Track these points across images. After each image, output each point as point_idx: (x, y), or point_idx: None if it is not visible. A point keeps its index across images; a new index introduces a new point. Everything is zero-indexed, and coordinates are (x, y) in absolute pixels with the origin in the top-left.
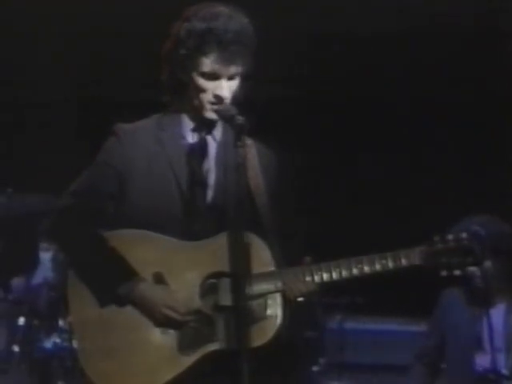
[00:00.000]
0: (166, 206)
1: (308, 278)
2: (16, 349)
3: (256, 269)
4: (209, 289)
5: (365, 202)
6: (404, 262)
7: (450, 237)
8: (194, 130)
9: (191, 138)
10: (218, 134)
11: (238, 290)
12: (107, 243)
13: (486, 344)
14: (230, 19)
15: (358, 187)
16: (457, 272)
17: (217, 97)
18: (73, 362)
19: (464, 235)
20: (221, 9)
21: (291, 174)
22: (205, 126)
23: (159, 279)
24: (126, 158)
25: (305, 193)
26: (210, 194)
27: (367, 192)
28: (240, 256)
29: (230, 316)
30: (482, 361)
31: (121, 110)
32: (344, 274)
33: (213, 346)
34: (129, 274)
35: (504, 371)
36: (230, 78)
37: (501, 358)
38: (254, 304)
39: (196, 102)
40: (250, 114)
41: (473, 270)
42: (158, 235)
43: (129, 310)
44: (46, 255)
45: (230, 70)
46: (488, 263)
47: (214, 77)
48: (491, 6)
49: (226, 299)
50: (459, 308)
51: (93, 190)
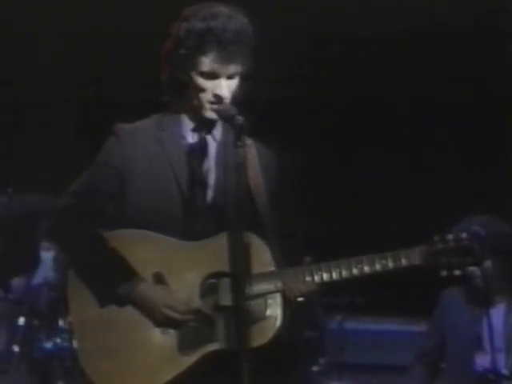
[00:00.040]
0: (166, 206)
1: (308, 278)
2: (16, 349)
3: (256, 269)
4: (209, 289)
5: (365, 202)
6: (404, 261)
7: (450, 237)
8: (193, 129)
9: (191, 137)
10: (217, 133)
11: (238, 290)
12: (107, 243)
13: (486, 344)
14: (230, 19)
15: (358, 187)
16: (457, 272)
17: (216, 96)
18: (73, 362)
19: (464, 235)
20: (220, 9)
21: (291, 174)
22: (205, 126)
23: (159, 279)
24: (126, 158)
25: (305, 193)
26: (210, 193)
27: (367, 192)
28: (240, 256)
29: (230, 316)
30: (482, 361)
31: (121, 110)
32: (344, 273)
33: (213, 346)
34: (129, 274)
35: (504, 371)
36: (230, 77)
37: (501, 358)
38: (253, 304)
39: (195, 102)
40: (250, 114)
41: (473, 269)
42: (158, 235)
43: (129, 309)
44: (47, 254)
45: (230, 69)
46: (488, 263)
47: (213, 76)
48: (491, 6)
49: (226, 299)
50: (459, 308)
51: (93, 190)
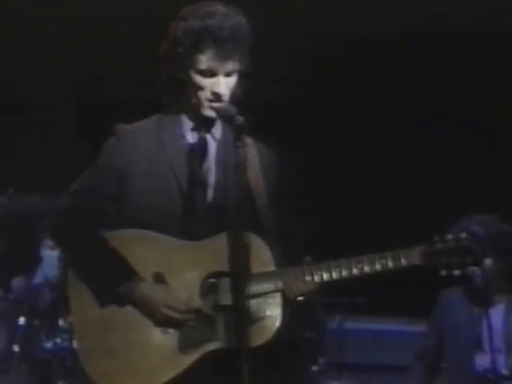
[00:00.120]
0: (167, 206)
1: (308, 278)
2: (16, 348)
3: (256, 268)
4: (209, 288)
5: (365, 202)
6: (404, 261)
7: (450, 237)
8: (193, 129)
9: (191, 137)
10: (217, 132)
11: (238, 290)
12: (107, 243)
13: (486, 344)
14: (226, 17)
15: (358, 187)
16: (456, 272)
17: (215, 94)
18: (73, 361)
19: (464, 235)
20: (217, 7)
21: (291, 174)
22: (204, 125)
23: (159, 279)
24: (127, 159)
25: (305, 193)
26: (210, 193)
27: (367, 192)
28: (240, 256)
29: (230, 315)
30: (482, 361)
31: (121, 110)
32: (344, 273)
33: (213, 346)
34: (129, 274)
35: (504, 371)
36: (227, 74)
37: (500, 359)
38: (254, 304)
39: (194, 100)
40: (250, 114)
41: (473, 269)
42: (158, 235)
43: (129, 309)
44: (52, 253)
45: (227, 66)
46: (488, 263)
47: (211, 74)
48: (491, 6)
49: (226, 299)
50: (458, 308)
51: (93, 190)
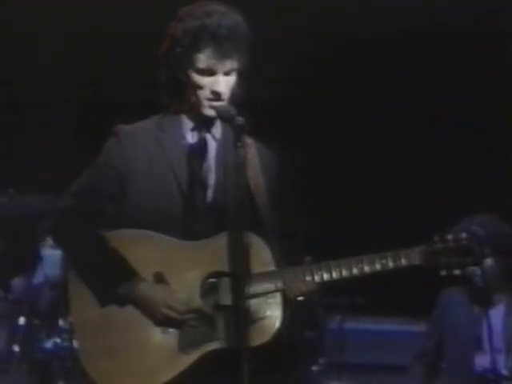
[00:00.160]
0: (167, 206)
1: (308, 278)
2: (16, 349)
3: (256, 268)
4: (209, 288)
5: (365, 202)
6: (404, 261)
7: (450, 237)
8: (193, 128)
9: (191, 137)
10: (217, 132)
11: (238, 290)
12: (108, 243)
13: (486, 344)
14: (224, 16)
15: (358, 187)
16: (456, 272)
17: (214, 93)
18: (73, 362)
19: (463, 235)
20: (214, 7)
21: (291, 174)
22: (204, 124)
23: (160, 279)
24: (127, 159)
25: (305, 193)
26: (210, 193)
27: (367, 192)
28: (240, 256)
29: (230, 315)
30: (482, 361)
31: (121, 110)
32: (344, 273)
33: (213, 345)
34: (129, 274)
35: (504, 372)
36: (226, 73)
37: (500, 359)
38: (254, 303)
39: (194, 100)
40: (250, 114)
41: (473, 269)
42: (158, 235)
43: (129, 309)
44: (52, 252)
45: (226, 65)
46: (488, 263)
47: (210, 73)
48: (491, 6)
49: (226, 299)
50: (458, 307)
51: (93, 190)
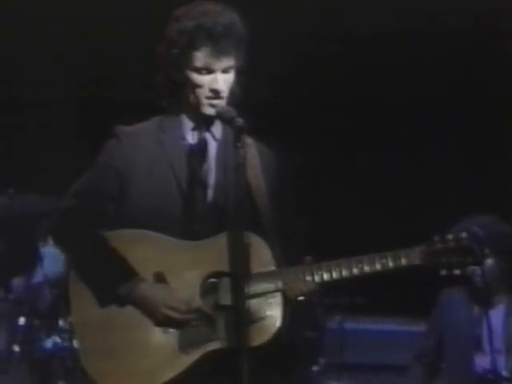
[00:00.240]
0: (167, 206)
1: (308, 278)
2: (16, 349)
3: (256, 268)
4: (209, 288)
5: (365, 202)
6: (404, 261)
7: (450, 237)
8: (193, 128)
9: (191, 138)
10: (217, 131)
11: (238, 290)
12: (108, 244)
13: (486, 345)
14: (220, 14)
15: (358, 187)
16: (456, 272)
17: (213, 91)
18: (73, 361)
19: (464, 235)
20: (210, 6)
21: (291, 174)
22: (204, 124)
23: (160, 279)
24: (127, 160)
25: (305, 193)
26: (210, 194)
27: (367, 192)
28: (240, 256)
29: (230, 315)
30: (482, 362)
31: (121, 110)
32: (344, 273)
33: (213, 345)
34: (129, 274)
35: (504, 373)
36: (224, 71)
37: (500, 360)
38: (254, 303)
39: (193, 99)
40: (250, 114)
41: (473, 269)
42: (158, 235)
43: (129, 309)
44: (53, 250)
45: (223, 62)
46: (488, 263)
47: (208, 71)
48: (491, 6)
49: (226, 298)
50: (458, 308)
51: (94, 191)
